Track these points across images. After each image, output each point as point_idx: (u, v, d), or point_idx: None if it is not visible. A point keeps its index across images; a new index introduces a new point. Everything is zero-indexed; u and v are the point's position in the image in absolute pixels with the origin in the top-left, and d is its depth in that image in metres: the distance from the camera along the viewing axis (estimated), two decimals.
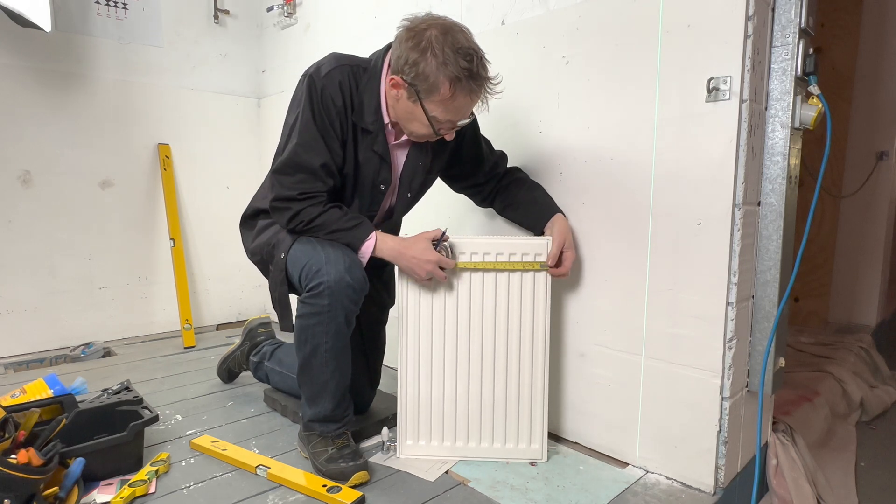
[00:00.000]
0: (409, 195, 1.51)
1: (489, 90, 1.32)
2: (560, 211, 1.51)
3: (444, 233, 1.40)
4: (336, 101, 1.32)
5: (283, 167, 1.34)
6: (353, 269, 1.31)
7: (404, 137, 1.42)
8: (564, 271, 1.43)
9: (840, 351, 2.57)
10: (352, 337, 1.57)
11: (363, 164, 1.40)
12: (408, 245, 1.37)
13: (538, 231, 1.51)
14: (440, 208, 1.88)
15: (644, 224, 1.40)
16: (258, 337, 1.96)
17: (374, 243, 1.36)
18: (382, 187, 1.45)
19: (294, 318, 1.39)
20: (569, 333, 1.59)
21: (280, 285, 1.41)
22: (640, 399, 1.44)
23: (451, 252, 1.41)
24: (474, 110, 1.37)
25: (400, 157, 1.47)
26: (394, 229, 1.59)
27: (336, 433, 1.41)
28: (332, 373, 1.37)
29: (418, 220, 1.77)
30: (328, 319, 1.32)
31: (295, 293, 1.42)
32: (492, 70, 1.32)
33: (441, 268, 1.39)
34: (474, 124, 1.56)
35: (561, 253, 1.43)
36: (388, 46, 1.36)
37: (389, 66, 1.33)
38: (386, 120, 1.39)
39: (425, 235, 1.39)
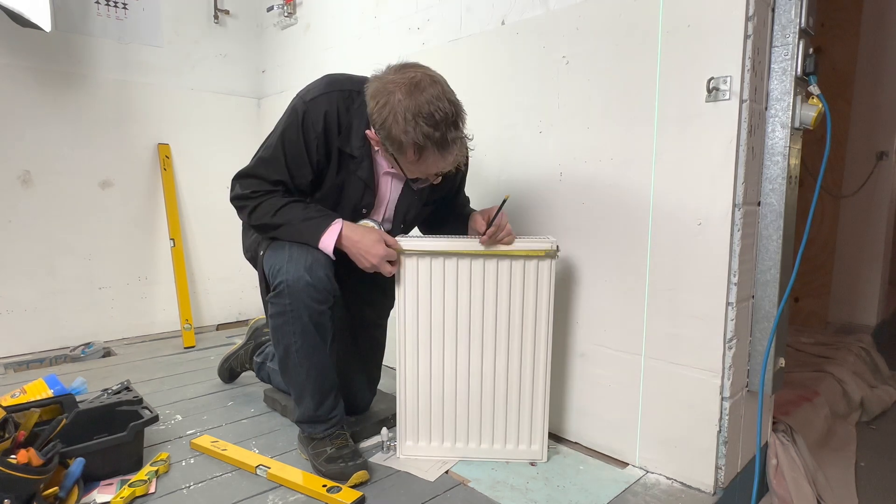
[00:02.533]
0: (402, 227, 1.51)
1: (463, 146, 1.29)
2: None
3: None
4: (316, 128, 1.32)
5: (244, 173, 1.40)
6: (315, 269, 1.31)
7: None
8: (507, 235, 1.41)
9: (840, 351, 2.57)
10: (344, 338, 1.57)
11: (345, 187, 1.40)
12: (360, 236, 1.35)
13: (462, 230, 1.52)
14: None
15: (644, 224, 1.40)
16: (262, 337, 1.96)
17: (341, 228, 1.34)
18: (364, 211, 1.45)
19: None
20: (569, 333, 1.59)
21: (261, 282, 1.44)
22: (640, 399, 1.44)
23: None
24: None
25: (395, 187, 1.46)
26: None
27: (324, 434, 1.41)
28: (308, 372, 1.37)
29: None
30: (292, 319, 1.32)
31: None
32: (467, 124, 1.27)
33: (392, 262, 1.38)
34: (464, 176, 1.56)
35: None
36: None
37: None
38: (376, 147, 1.36)
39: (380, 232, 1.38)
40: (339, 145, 1.35)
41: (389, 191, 1.46)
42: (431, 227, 1.64)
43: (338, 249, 1.36)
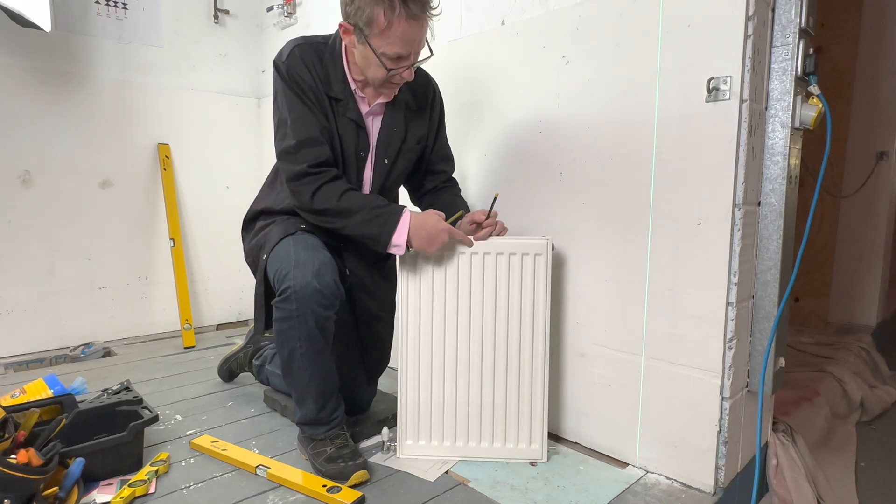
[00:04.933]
0: (385, 161, 1.50)
1: (430, 14, 1.29)
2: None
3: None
4: (304, 77, 1.36)
5: (287, 148, 1.36)
6: (322, 274, 1.30)
7: (377, 102, 1.44)
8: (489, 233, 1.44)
9: (840, 351, 2.57)
10: (348, 333, 1.56)
11: (343, 134, 1.43)
12: (423, 220, 1.36)
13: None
14: None
15: (644, 224, 1.40)
16: (262, 342, 1.96)
17: (409, 218, 1.35)
18: (362, 154, 1.47)
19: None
20: (569, 333, 1.59)
21: (258, 285, 1.43)
22: (640, 399, 1.44)
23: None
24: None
25: (375, 126, 1.49)
26: None
27: (325, 435, 1.41)
28: (311, 376, 1.37)
29: None
30: (298, 324, 1.31)
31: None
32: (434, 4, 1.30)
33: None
34: (442, 119, 1.59)
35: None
36: None
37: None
38: (353, 86, 1.42)
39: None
40: (324, 90, 1.39)
41: (372, 132, 1.49)
42: (418, 193, 1.66)
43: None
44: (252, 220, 1.58)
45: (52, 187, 2.35)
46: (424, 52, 1.35)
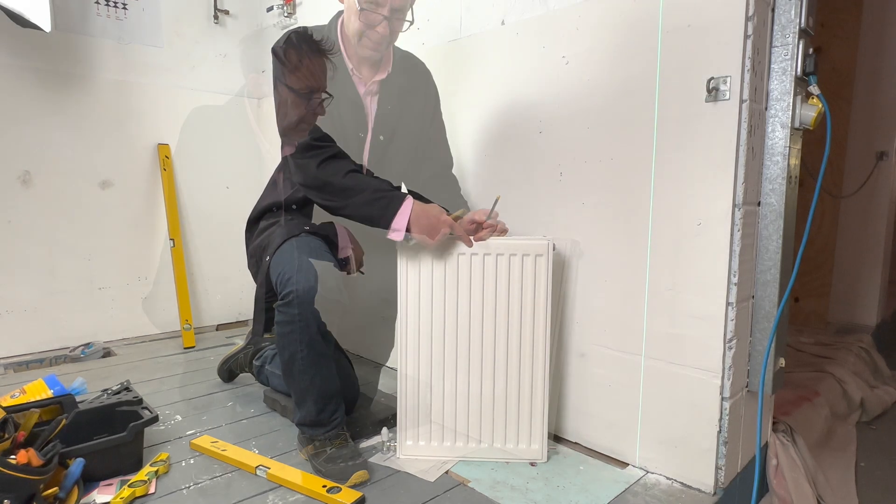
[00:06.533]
0: (381, 138, 1.51)
1: None
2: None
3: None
4: (300, 54, 1.39)
5: (289, 124, 1.38)
6: (325, 279, 1.31)
7: (373, 81, 1.48)
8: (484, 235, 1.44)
9: (840, 351, 2.57)
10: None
11: (343, 113, 1.45)
12: (425, 209, 1.36)
13: None
14: None
15: (644, 224, 1.40)
16: (263, 342, 1.96)
17: (412, 204, 1.34)
18: (361, 135, 1.49)
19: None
20: (569, 333, 1.59)
21: (259, 287, 1.44)
22: (640, 399, 1.44)
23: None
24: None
25: (373, 106, 1.52)
26: None
27: (325, 435, 1.41)
28: (312, 379, 1.37)
29: None
30: (300, 329, 1.32)
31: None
32: None
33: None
34: (437, 102, 1.62)
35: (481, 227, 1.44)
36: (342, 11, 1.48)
37: (343, 22, 1.46)
38: (350, 66, 1.46)
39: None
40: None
41: (370, 112, 1.51)
42: (415, 185, 1.65)
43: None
44: (255, 221, 1.59)
45: (52, 187, 2.35)
46: (405, 26, 1.43)
